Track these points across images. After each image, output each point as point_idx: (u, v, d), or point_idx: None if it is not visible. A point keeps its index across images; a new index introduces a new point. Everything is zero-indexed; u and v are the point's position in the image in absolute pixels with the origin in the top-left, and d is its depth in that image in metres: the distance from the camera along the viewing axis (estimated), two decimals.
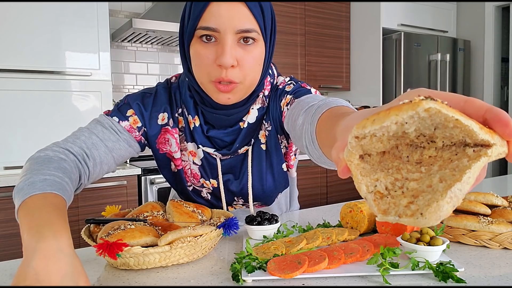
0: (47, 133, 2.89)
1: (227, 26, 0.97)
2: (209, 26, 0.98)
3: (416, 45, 4.43)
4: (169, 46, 4.01)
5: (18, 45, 2.78)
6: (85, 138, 1.10)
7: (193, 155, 1.22)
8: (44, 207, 0.83)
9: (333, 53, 4.63)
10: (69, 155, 1.05)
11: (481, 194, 1.31)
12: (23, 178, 0.92)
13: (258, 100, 1.17)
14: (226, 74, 1.00)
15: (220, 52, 0.98)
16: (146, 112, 1.19)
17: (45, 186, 0.89)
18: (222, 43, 0.98)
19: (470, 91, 4.97)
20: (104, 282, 0.93)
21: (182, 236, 0.97)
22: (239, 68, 1.02)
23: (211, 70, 1.01)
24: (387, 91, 4.50)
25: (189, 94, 1.16)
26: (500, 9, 4.77)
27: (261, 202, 1.31)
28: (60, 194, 0.90)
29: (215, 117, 1.14)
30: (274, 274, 0.90)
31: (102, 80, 3.09)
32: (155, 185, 3.16)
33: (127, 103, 1.19)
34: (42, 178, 0.91)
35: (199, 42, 1.01)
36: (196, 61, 1.04)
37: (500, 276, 0.92)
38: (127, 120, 1.16)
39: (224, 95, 1.04)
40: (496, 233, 1.10)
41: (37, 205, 0.84)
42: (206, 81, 1.04)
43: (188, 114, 1.17)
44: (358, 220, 1.23)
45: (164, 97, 1.21)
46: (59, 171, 0.96)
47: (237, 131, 1.17)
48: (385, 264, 0.90)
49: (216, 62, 0.99)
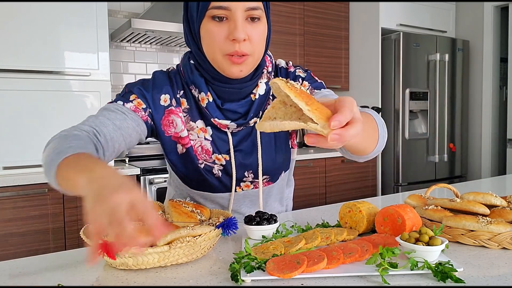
0: (45, 133, 2.87)
1: (238, 4, 1.11)
2: (221, 6, 1.10)
3: (415, 45, 4.43)
4: (168, 46, 4.01)
5: (17, 45, 2.78)
6: (93, 119, 1.16)
7: (203, 131, 1.29)
8: (83, 158, 0.91)
9: (332, 53, 4.63)
10: (81, 132, 1.10)
11: (480, 194, 1.32)
12: (49, 152, 0.97)
13: (264, 76, 1.29)
14: (239, 47, 1.13)
15: (233, 28, 1.11)
16: (148, 93, 1.25)
17: (75, 149, 0.95)
18: (234, 19, 1.12)
19: (469, 91, 4.97)
20: (103, 282, 0.93)
21: (181, 236, 0.97)
22: (249, 42, 1.14)
23: (225, 46, 1.14)
24: (386, 91, 4.51)
25: (198, 73, 1.25)
26: (499, 9, 4.77)
27: (269, 176, 1.37)
28: (89, 152, 0.98)
29: (227, 91, 1.24)
30: (273, 274, 0.90)
31: (101, 80, 3.08)
32: (154, 185, 3.16)
33: (128, 91, 1.26)
34: (67, 146, 0.97)
35: (210, 22, 1.13)
36: (208, 39, 1.15)
37: (499, 276, 0.92)
38: (131, 102, 1.23)
39: (237, 67, 1.16)
40: (495, 233, 1.10)
41: (76, 159, 0.91)
42: (220, 56, 1.16)
43: (199, 92, 1.25)
44: (357, 220, 1.23)
45: (163, 80, 1.29)
46: (80, 141, 1.03)
47: (249, 103, 1.27)
48: (384, 264, 0.90)
49: (230, 37, 1.12)
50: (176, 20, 3.48)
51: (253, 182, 1.37)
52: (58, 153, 0.94)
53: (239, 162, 1.33)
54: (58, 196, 2.83)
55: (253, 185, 1.38)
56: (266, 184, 1.40)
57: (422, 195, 1.45)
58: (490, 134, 4.82)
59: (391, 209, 1.14)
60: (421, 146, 4.57)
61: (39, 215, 2.79)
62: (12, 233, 2.71)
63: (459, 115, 4.87)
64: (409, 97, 4.40)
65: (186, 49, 4.10)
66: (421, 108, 4.51)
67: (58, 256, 1.11)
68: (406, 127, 4.41)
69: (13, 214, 2.71)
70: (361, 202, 1.26)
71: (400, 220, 1.11)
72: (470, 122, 5.01)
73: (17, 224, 2.72)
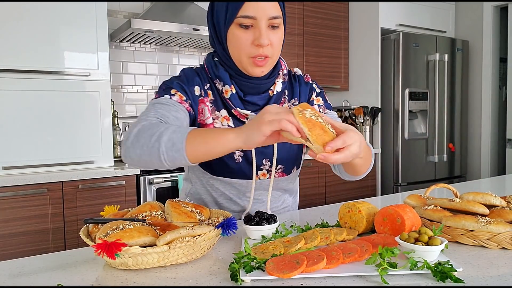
0: (45, 133, 2.89)
1: (262, 15, 1.26)
2: (248, 15, 1.25)
3: (415, 45, 4.43)
4: (168, 46, 4.01)
5: (17, 45, 2.78)
6: (153, 113, 1.25)
7: (227, 119, 1.42)
8: (202, 129, 1.13)
9: (331, 53, 4.63)
10: (160, 120, 1.24)
11: (480, 194, 1.32)
12: (161, 134, 1.11)
13: (280, 76, 1.45)
14: (262, 50, 1.29)
15: (258, 35, 1.27)
16: (186, 86, 1.37)
17: (186, 128, 1.13)
18: (258, 27, 1.27)
19: (469, 91, 4.98)
20: (102, 282, 0.93)
21: (180, 236, 0.97)
22: (270, 46, 1.30)
23: (250, 49, 1.29)
24: (385, 91, 4.51)
25: (223, 69, 1.39)
26: (499, 9, 4.77)
27: (284, 167, 1.49)
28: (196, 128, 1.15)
29: (249, 85, 1.39)
30: (273, 274, 0.90)
31: (101, 80, 3.09)
32: (154, 185, 3.17)
33: (167, 87, 1.36)
34: (175, 127, 1.13)
35: (237, 28, 1.28)
36: (235, 43, 1.31)
37: (499, 276, 0.92)
38: (174, 96, 1.34)
39: (259, 68, 1.33)
40: (494, 233, 1.10)
41: (198, 131, 1.11)
42: (245, 58, 1.31)
43: (224, 85, 1.38)
44: (356, 220, 1.23)
45: (193, 74, 1.42)
46: (172, 126, 1.16)
47: (268, 97, 1.42)
48: (384, 264, 0.91)
49: (255, 43, 1.28)
50: (176, 20, 3.48)
51: (270, 171, 1.47)
52: (174, 132, 1.10)
53: (258, 151, 1.43)
54: (57, 196, 2.83)
55: (269, 174, 1.47)
56: (281, 175, 1.50)
57: (421, 195, 1.46)
58: (490, 134, 4.82)
59: (391, 209, 1.14)
60: (421, 146, 4.57)
61: (39, 215, 2.79)
62: (12, 233, 2.71)
63: (459, 115, 4.87)
64: (409, 97, 4.40)
65: (185, 49, 4.11)
66: (420, 108, 4.51)
67: (58, 256, 1.12)
68: (405, 127, 4.41)
69: (13, 214, 2.71)
70: (360, 202, 1.26)
71: (400, 220, 1.11)
72: (469, 122, 5.02)
73: (17, 224, 2.72)
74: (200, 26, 3.52)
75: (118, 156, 3.53)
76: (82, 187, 2.91)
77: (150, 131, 1.13)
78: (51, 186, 2.82)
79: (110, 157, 3.16)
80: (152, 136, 1.11)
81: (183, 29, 3.45)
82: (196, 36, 3.59)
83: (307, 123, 0.97)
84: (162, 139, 1.09)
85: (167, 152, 1.09)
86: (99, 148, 3.10)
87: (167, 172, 3.22)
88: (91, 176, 2.95)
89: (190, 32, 3.49)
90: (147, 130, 1.14)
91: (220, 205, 1.50)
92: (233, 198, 1.48)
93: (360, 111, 4.49)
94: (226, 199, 1.48)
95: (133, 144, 1.14)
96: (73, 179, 2.88)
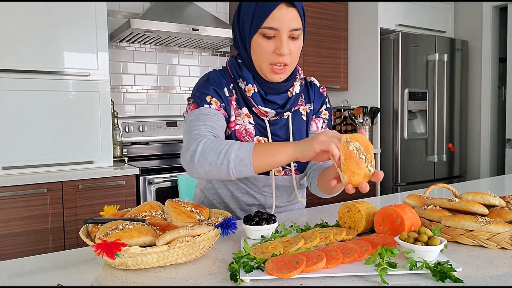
0: (45, 133, 2.89)
1: (285, 27, 1.36)
2: (272, 27, 1.36)
3: (414, 45, 4.43)
4: (167, 46, 4.01)
5: (16, 45, 2.78)
6: (204, 127, 1.38)
7: (248, 116, 1.53)
8: (263, 143, 1.30)
9: (331, 53, 4.63)
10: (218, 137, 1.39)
11: (479, 194, 1.32)
12: (227, 152, 1.25)
13: (297, 80, 1.57)
14: (282, 59, 1.40)
15: (280, 45, 1.37)
16: (219, 90, 1.48)
17: (247, 144, 1.27)
18: (280, 38, 1.37)
19: (468, 91, 4.97)
20: (102, 282, 0.93)
21: (180, 236, 0.98)
22: (290, 55, 1.41)
23: (271, 57, 1.40)
24: (385, 91, 4.51)
25: (246, 69, 1.50)
26: (498, 9, 4.77)
27: (298, 165, 1.60)
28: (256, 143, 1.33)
29: (269, 86, 1.49)
30: (272, 274, 0.90)
31: (100, 80, 3.08)
32: (153, 185, 3.16)
33: (202, 93, 1.47)
34: (238, 145, 1.27)
35: (261, 38, 1.39)
36: (258, 51, 1.41)
37: (498, 276, 0.93)
38: (211, 104, 1.45)
39: (278, 75, 1.44)
40: (493, 233, 1.10)
41: (261, 145, 1.26)
42: (265, 64, 1.42)
43: (247, 84, 1.49)
44: (356, 220, 1.23)
45: (220, 77, 1.53)
46: (229, 141, 1.30)
47: (286, 98, 1.53)
48: (383, 264, 0.91)
49: (276, 52, 1.39)
50: (175, 20, 3.48)
51: (284, 168, 1.58)
52: (239, 148, 1.25)
53: None
54: (57, 196, 2.83)
55: (283, 171, 1.58)
56: (296, 173, 1.61)
57: (421, 195, 1.46)
58: (489, 134, 4.82)
59: (390, 209, 1.14)
60: (420, 146, 4.57)
61: (39, 215, 2.79)
62: (12, 233, 2.71)
63: (458, 115, 4.87)
64: (408, 97, 4.40)
65: (185, 49, 4.12)
66: (420, 108, 4.51)
67: (58, 256, 1.12)
68: (405, 127, 4.41)
69: (13, 214, 2.71)
70: (360, 202, 1.26)
71: (399, 220, 1.11)
72: (469, 122, 5.02)
73: (17, 224, 2.72)
74: (200, 26, 3.52)
75: (117, 156, 3.53)
76: (81, 187, 2.91)
77: (215, 149, 1.27)
78: (50, 186, 2.81)
79: (110, 157, 3.16)
80: (220, 154, 1.25)
81: (183, 29, 3.45)
82: (195, 36, 3.59)
83: (346, 153, 1.10)
84: (230, 157, 1.24)
85: (235, 167, 1.24)
86: (99, 148, 3.10)
87: (166, 172, 3.22)
88: (91, 176, 2.95)
89: (190, 32, 3.49)
90: (212, 147, 1.28)
91: (237, 198, 1.59)
92: (249, 191, 1.57)
93: (360, 111, 4.49)
94: (242, 192, 1.58)
95: (200, 162, 1.27)
96: (72, 179, 2.88)
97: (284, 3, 1.36)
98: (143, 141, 3.83)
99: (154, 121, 3.88)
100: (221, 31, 3.64)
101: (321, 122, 1.65)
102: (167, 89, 4.08)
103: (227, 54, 4.36)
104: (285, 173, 1.58)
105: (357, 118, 4.51)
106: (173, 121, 3.96)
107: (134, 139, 3.78)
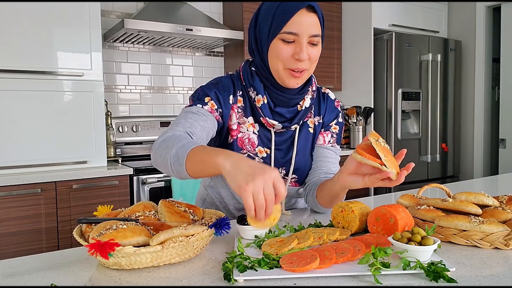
0: (38, 133, 2.88)
1: (304, 32, 1.35)
2: (292, 32, 1.35)
3: (407, 45, 4.44)
4: (161, 46, 4.01)
5: (10, 45, 2.77)
6: (184, 122, 1.37)
7: (253, 126, 1.53)
8: (206, 147, 1.15)
9: (324, 53, 4.63)
10: (183, 133, 1.33)
11: (472, 194, 1.32)
12: (173, 146, 1.19)
13: (309, 93, 1.55)
14: (301, 64, 1.38)
15: (299, 50, 1.36)
16: (220, 95, 1.48)
17: (193, 143, 1.18)
18: (300, 43, 1.36)
19: (461, 91, 4.99)
20: (96, 282, 0.93)
21: (174, 236, 0.97)
22: (308, 61, 1.40)
23: (289, 62, 1.38)
24: (379, 91, 4.52)
25: (259, 79, 1.49)
26: (491, 9, 4.79)
27: (298, 176, 1.60)
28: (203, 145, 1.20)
29: (280, 98, 1.48)
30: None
31: (94, 80, 3.08)
32: (147, 185, 3.16)
33: (204, 93, 1.47)
34: (185, 142, 1.20)
35: (280, 42, 1.37)
36: (276, 54, 1.39)
37: (491, 276, 0.93)
38: (206, 105, 1.45)
39: (295, 80, 1.42)
40: (487, 233, 1.10)
41: (202, 148, 1.14)
42: (282, 69, 1.40)
43: (257, 94, 1.48)
44: (349, 220, 1.23)
45: (228, 83, 1.53)
46: (188, 139, 1.25)
47: (295, 111, 1.52)
48: (376, 264, 0.91)
49: (295, 57, 1.37)
50: (169, 20, 3.48)
51: (284, 178, 1.58)
52: (182, 146, 1.17)
53: (277, 159, 1.56)
54: (51, 196, 2.82)
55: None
56: (295, 184, 1.62)
57: (414, 195, 1.46)
58: (482, 134, 4.84)
59: (384, 209, 1.14)
60: (414, 146, 4.58)
61: (32, 215, 2.78)
62: (5, 233, 2.70)
63: (452, 115, 4.88)
64: (402, 97, 4.41)
65: (179, 49, 4.11)
66: (413, 108, 4.52)
67: (51, 256, 1.11)
68: (398, 127, 4.43)
69: (6, 214, 2.70)
70: (353, 202, 1.27)
71: (393, 220, 1.11)
72: (462, 122, 5.03)
73: (10, 224, 2.71)
74: (193, 26, 3.52)
75: (111, 156, 3.53)
76: (75, 187, 2.90)
77: (168, 142, 1.23)
78: (44, 186, 2.81)
79: (104, 157, 3.15)
80: (167, 148, 1.21)
81: (176, 29, 3.45)
82: (189, 36, 3.59)
83: (383, 150, 1.13)
84: (171, 153, 1.18)
85: (173, 164, 1.17)
86: (93, 148, 3.09)
87: (160, 172, 3.21)
88: (85, 176, 2.94)
89: (184, 32, 3.48)
90: (168, 141, 1.24)
91: (236, 199, 1.60)
92: None
93: (353, 111, 4.50)
94: None
95: (155, 153, 1.26)
96: (66, 179, 2.88)
97: (305, 8, 1.36)
98: (137, 141, 3.83)
99: (148, 121, 3.88)
100: (214, 31, 3.64)
101: (329, 136, 1.64)
102: (160, 89, 4.07)
103: (221, 54, 4.35)
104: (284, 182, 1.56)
105: (350, 118, 4.52)
106: (166, 121, 3.96)
107: (127, 139, 3.78)
